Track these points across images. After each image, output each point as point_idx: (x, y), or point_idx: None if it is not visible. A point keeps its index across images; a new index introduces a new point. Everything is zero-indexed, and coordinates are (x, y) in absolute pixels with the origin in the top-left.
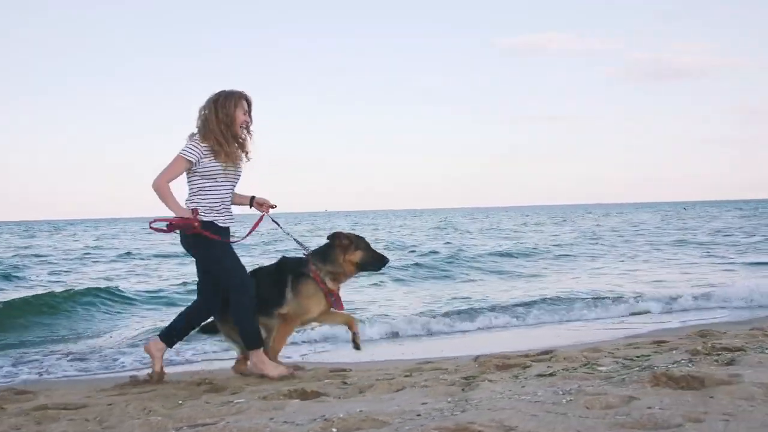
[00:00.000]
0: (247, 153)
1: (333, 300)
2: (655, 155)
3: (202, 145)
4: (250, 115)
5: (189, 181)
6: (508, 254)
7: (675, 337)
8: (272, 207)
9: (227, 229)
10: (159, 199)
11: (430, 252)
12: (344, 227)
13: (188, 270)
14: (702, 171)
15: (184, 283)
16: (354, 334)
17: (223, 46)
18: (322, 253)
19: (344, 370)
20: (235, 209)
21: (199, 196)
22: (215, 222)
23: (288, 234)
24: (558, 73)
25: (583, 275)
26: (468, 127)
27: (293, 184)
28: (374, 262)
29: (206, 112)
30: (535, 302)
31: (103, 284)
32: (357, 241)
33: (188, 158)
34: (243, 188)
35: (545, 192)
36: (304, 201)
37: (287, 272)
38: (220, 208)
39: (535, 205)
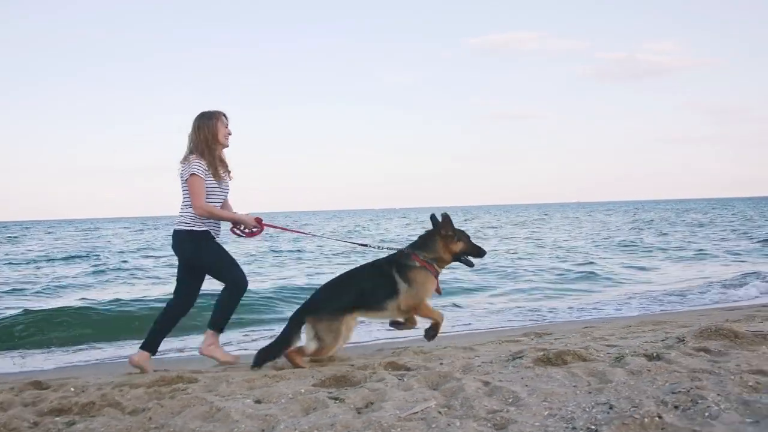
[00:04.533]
0: (229, 172)
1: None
2: (623, 154)
3: (202, 162)
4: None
5: (186, 192)
6: None
7: None
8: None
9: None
10: (215, 219)
11: None
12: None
13: None
14: (671, 170)
15: None
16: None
17: (201, 46)
18: (423, 243)
19: None
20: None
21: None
22: (210, 231)
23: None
24: (528, 72)
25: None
26: (434, 126)
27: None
28: (473, 252)
29: (193, 134)
30: None
31: None
32: (459, 234)
33: (201, 175)
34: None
35: (514, 191)
36: (267, 200)
37: (390, 267)
38: (213, 221)
39: (505, 204)
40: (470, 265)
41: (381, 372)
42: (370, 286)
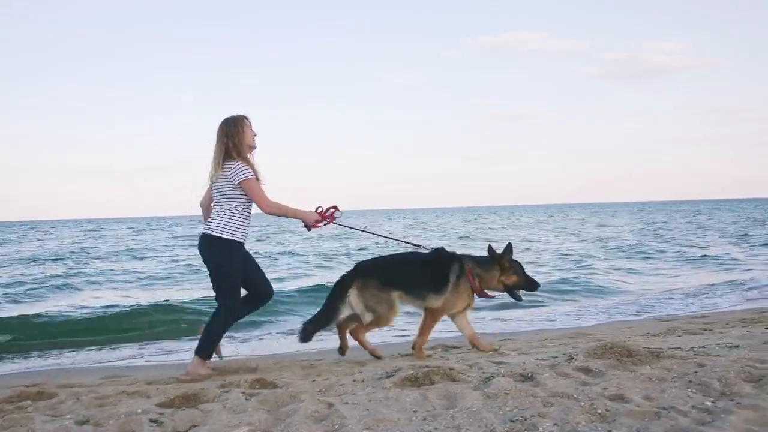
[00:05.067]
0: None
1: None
2: (628, 155)
3: (246, 165)
4: None
5: (232, 197)
6: None
7: None
8: None
9: None
10: (283, 216)
11: None
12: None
13: None
14: (676, 170)
15: None
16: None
17: (201, 46)
18: (480, 262)
19: None
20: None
21: (242, 215)
22: (241, 242)
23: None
24: (531, 72)
25: None
26: (435, 127)
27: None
28: (525, 287)
29: (223, 141)
30: None
31: None
32: (515, 266)
33: (252, 175)
34: None
35: (515, 191)
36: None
37: (451, 263)
38: (244, 230)
39: (509, 205)
40: (519, 299)
41: (236, 390)
42: (429, 273)
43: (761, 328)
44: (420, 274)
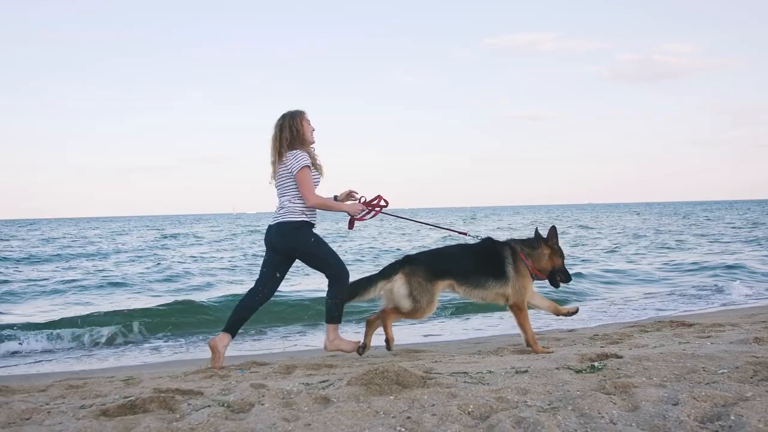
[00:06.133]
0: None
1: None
2: (639, 156)
3: (306, 155)
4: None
5: (291, 186)
6: None
7: None
8: None
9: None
10: (327, 210)
11: None
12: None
13: None
14: (686, 172)
15: None
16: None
17: (208, 46)
18: (530, 244)
19: None
20: None
21: (302, 201)
22: (313, 222)
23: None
24: (542, 73)
25: None
26: (451, 127)
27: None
28: (562, 273)
29: (283, 133)
30: None
31: None
32: (560, 251)
33: (309, 164)
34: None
35: (529, 192)
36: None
37: (503, 249)
38: (312, 213)
39: (520, 206)
40: (557, 285)
41: None
42: (479, 261)
43: (597, 346)
44: (481, 262)
